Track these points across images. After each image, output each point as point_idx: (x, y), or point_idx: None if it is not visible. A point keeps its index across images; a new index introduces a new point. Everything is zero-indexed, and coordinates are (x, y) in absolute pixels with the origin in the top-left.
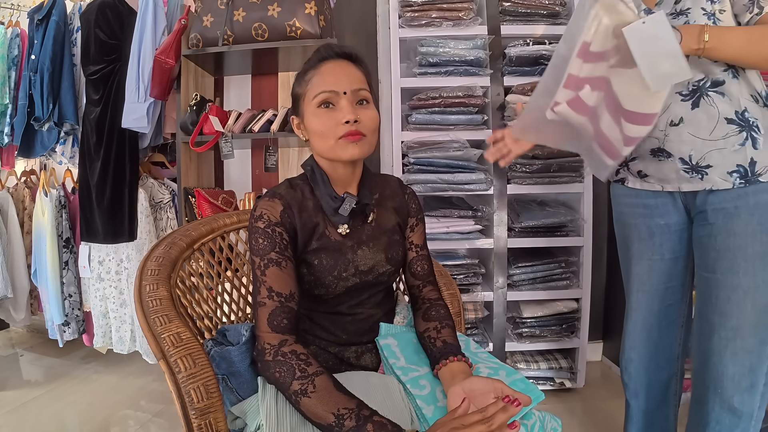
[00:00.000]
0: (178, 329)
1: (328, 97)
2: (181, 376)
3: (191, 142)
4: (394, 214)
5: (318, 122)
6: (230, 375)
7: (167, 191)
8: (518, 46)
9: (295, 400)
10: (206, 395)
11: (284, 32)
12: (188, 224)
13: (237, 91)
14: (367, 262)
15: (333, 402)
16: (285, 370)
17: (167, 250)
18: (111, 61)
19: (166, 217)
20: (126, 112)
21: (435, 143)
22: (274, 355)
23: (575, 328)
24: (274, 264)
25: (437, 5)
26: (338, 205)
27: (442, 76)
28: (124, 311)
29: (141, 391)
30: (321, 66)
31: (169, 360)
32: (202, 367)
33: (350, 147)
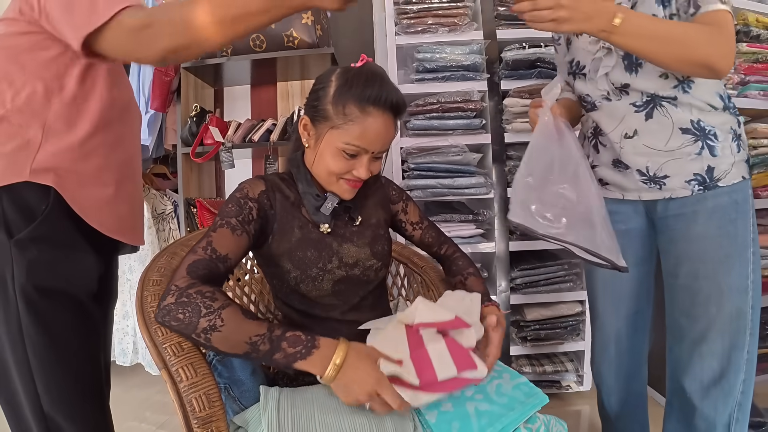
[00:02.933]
0: (179, 339)
1: (356, 151)
2: (182, 385)
3: (192, 153)
4: (377, 209)
5: (333, 162)
6: (232, 383)
7: (169, 202)
8: (514, 50)
9: (205, 339)
10: (208, 404)
11: (282, 42)
12: (189, 234)
13: (237, 101)
14: (352, 255)
15: (243, 331)
16: (190, 310)
17: (169, 260)
18: None
19: (168, 228)
20: None
21: (434, 148)
22: (178, 296)
23: (580, 330)
24: (228, 227)
25: (433, 12)
26: (320, 204)
27: (440, 81)
28: (127, 323)
29: (145, 402)
30: (368, 115)
31: (170, 369)
32: (203, 376)
33: (349, 192)
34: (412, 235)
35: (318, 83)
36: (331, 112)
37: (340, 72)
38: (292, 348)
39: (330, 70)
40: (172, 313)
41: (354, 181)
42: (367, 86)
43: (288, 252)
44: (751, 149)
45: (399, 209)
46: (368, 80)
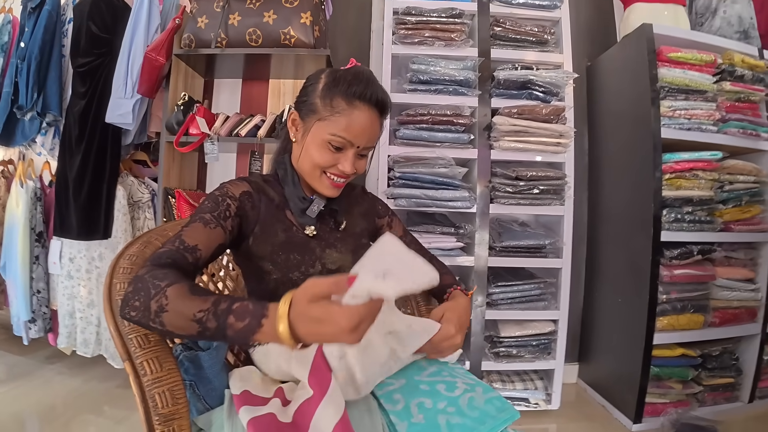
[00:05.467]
0: (146, 330)
1: (343, 143)
2: (146, 379)
3: (175, 142)
4: (362, 219)
5: (318, 155)
6: (199, 381)
7: (147, 191)
8: (507, 70)
9: (160, 323)
10: (172, 401)
11: (278, 40)
12: (165, 224)
13: (227, 94)
14: (335, 262)
15: (188, 308)
16: (142, 294)
17: (141, 249)
18: (101, 54)
19: (143, 217)
20: (111, 107)
21: (421, 159)
22: (134, 284)
23: (552, 349)
24: (200, 221)
25: (431, 25)
26: (306, 206)
27: (432, 93)
28: (92, 312)
29: (104, 396)
30: (354, 108)
31: (134, 362)
32: (169, 371)
33: (332, 190)
34: None
35: (308, 81)
36: (319, 105)
37: (330, 71)
38: (241, 322)
39: (320, 70)
40: (130, 302)
41: (337, 177)
42: (355, 83)
43: (270, 254)
44: (727, 184)
45: (384, 223)
46: (356, 77)
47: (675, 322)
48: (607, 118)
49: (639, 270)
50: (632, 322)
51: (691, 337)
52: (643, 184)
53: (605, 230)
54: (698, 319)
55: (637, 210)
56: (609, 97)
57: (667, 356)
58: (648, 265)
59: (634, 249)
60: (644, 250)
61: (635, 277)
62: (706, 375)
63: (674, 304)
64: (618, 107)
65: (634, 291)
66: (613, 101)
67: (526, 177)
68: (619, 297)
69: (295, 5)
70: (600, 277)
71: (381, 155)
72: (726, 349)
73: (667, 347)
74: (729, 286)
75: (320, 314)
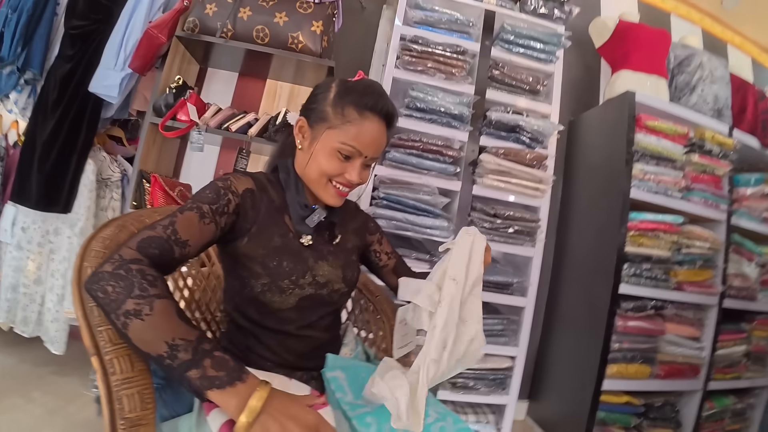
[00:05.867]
0: None
1: (352, 152)
2: (115, 378)
3: (161, 125)
4: (354, 235)
5: (327, 163)
6: (166, 386)
7: (118, 169)
8: (499, 112)
9: (122, 323)
10: (140, 405)
11: (285, 42)
12: (143, 210)
13: (219, 85)
14: (325, 275)
15: (170, 329)
16: (122, 286)
17: (116, 233)
18: (97, 20)
19: (110, 197)
20: (97, 77)
21: (407, 183)
22: (116, 267)
23: (507, 385)
24: (197, 211)
25: (435, 57)
26: (306, 215)
27: (426, 122)
28: (37, 289)
29: (36, 381)
30: (365, 118)
31: (103, 357)
32: (140, 372)
33: (337, 199)
34: (386, 264)
35: (317, 89)
36: (330, 113)
37: (340, 80)
38: (214, 371)
39: (330, 79)
40: (102, 282)
41: (343, 186)
42: (366, 94)
43: (263, 257)
44: (684, 247)
45: (375, 240)
46: (367, 89)
47: (624, 370)
48: (582, 171)
49: (596, 317)
50: (584, 366)
51: (637, 387)
52: (608, 238)
53: (568, 275)
54: (645, 369)
55: (600, 261)
56: (587, 152)
57: (614, 402)
58: (605, 314)
59: (593, 297)
60: (603, 299)
61: (592, 323)
62: (647, 424)
63: (625, 353)
64: (594, 163)
65: (589, 336)
66: (590, 156)
67: (503, 215)
68: (575, 340)
69: (308, 12)
70: (558, 319)
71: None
72: (668, 401)
73: (614, 394)
74: (676, 342)
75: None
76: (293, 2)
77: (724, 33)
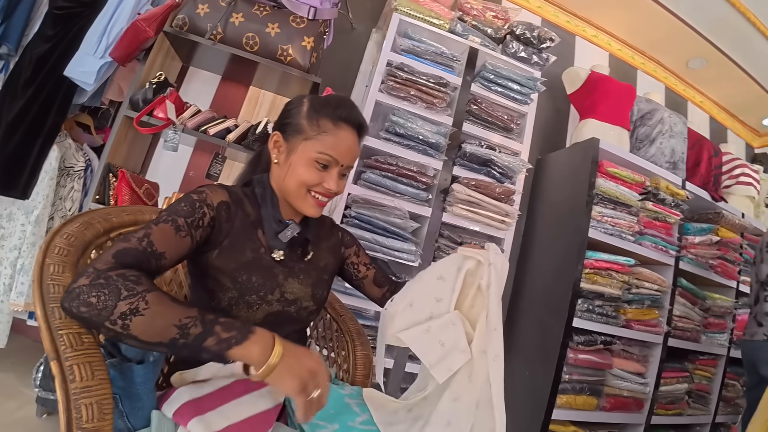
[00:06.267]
0: (80, 329)
1: (330, 161)
2: (74, 386)
3: (136, 120)
4: (328, 253)
5: (306, 173)
6: (125, 396)
7: (83, 159)
8: (473, 145)
9: (123, 326)
10: (98, 415)
11: (275, 53)
12: (111, 208)
13: (199, 86)
14: (294, 292)
15: (173, 313)
16: (107, 293)
17: (81, 230)
18: (84, 4)
19: (71, 187)
20: (75, 61)
21: (379, 205)
22: (94, 278)
23: None
24: (172, 224)
25: (418, 86)
26: (280, 230)
27: (403, 147)
28: None
29: None
30: (340, 128)
31: (63, 363)
32: (100, 381)
33: (316, 209)
34: (366, 275)
35: (289, 105)
36: (305, 125)
37: (311, 96)
38: (227, 333)
39: (301, 95)
40: (83, 296)
41: (322, 196)
42: (339, 107)
43: (232, 271)
44: (634, 287)
45: (351, 252)
46: (340, 102)
47: (572, 401)
48: (545, 208)
49: (549, 348)
50: (535, 395)
51: (584, 417)
52: (565, 273)
53: (524, 307)
54: (592, 401)
55: (556, 295)
56: (550, 190)
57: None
58: (558, 347)
59: (547, 328)
60: (557, 332)
61: (545, 354)
62: None
63: (574, 385)
64: (556, 201)
65: (541, 367)
66: (553, 194)
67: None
68: (528, 370)
69: (301, 27)
70: (514, 348)
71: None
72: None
73: (562, 423)
74: (622, 377)
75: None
76: (287, 15)
77: (686, 91)
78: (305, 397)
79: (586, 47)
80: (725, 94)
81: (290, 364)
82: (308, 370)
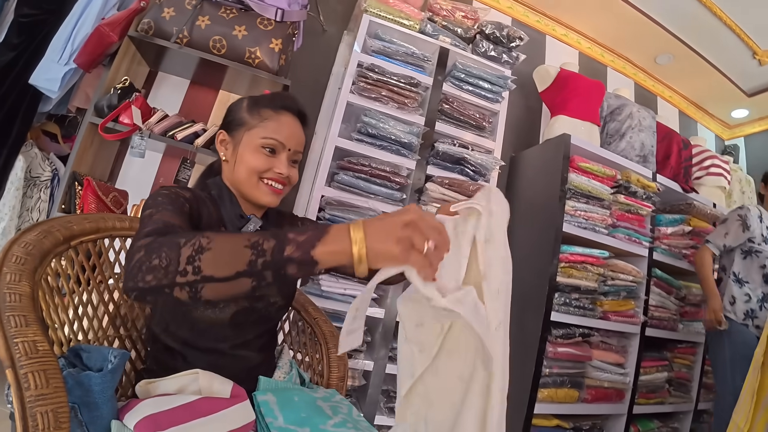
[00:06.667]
0: (35, 337)
1: (276, 145)
2: (29, 394)
3: (101, 126)
4: None
5: (254, 160)
6: (83, 405)
7: (49, 168)
8: (446, 144)
9: (195, 270)
10: (54, 424)
11: (242, 56)
12: (71, 216)
13: (168, 90)
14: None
15: (237, 239)
16: (166, 249)
17: (40, 239)
18: (49, 11)
19: (37, 197)
20: (40, 69)
21: (352, 206)
22: (147, 247)
23: None
24: (166, 210)
25: (389, 86)
26: (242, 225)
27: (376, 148)
28: None
29: None
30: (281, 115)
31: (18, 372)
32: (55, 389)
33: (271, 196)
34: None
35: (231, 106)
36: (246, 117)
37: (251, 95)
38: (303, 236)
39: (240, 98)
40: (144, 266)
41: (275, 182)
42: (278, 97)
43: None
44: (609, 279)
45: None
46: (278, 94)
47: (554, 394)
48: (520, 204)
49: (528, 343)
50: (517, 390)
51: (566, 410)
52: (541, 268)
53: None
54: (573, 394)
55: (534, 289)
56: (524, 187)
57: (544, 425)
58: (537, 341)
59: (526, 324)
60: (535, 326)
61: (525, 349)
62: None
63: (555, 378)
64: (531, 197)
65: (521, 362)
66: (527, 191)
67: None
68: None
69: (269, 29)
70: None
71: (315, 194)
72: (596, 424)
73: (545, 417)
74: (602, 368)
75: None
76: (254, 18)
77: (655, 86)
78: (419, 255)
79: (556, 46)
80: (694, 88)
81: (379, 228)
82: (403, 223)
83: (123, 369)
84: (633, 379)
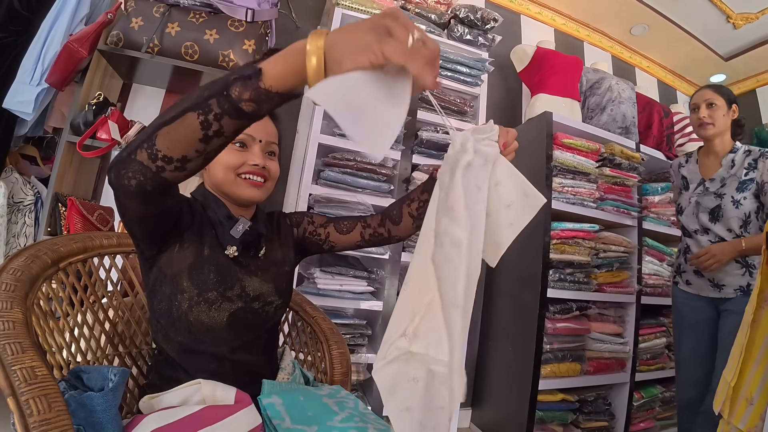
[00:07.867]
0: (32, 362)
1: (245, 139)
2: (32, 420)
3: (79, 144)
4: (283, 245)
5: (226, 157)
6: (88, 426)
7: (32, 192)
8: (429, 132)
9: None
10: None
11: (216, 60)
12: (57, 238)
13: (144, 101)
14: (255, 288)
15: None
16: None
17: (28, 264)
18: (17, 32)
19: (22, 222)
20: (12, 92)
21: (341, 202)
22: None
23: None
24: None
25: None
26: (231, 226)
27: None
28: None
29: None
30: None
31: (19, 399)
32: (58, 413)
33: (253, 190)
34: (329, 232)
35: None
36: None
37: None
38: (245, 68)
39: None
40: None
41: (253, 175)
42: None
43: (189, 267)
44: (602, 252)
45: (305, 224)
46: None
47: (556, 369)
48: None
49: (527, 321)
50: (521, 369)
51: (570, 384)
52: (534, 247)
53: (499, 284)
54: (576, 367)
55: (528, 268)
56: None
57: (550, 401)
58: (535, 318)
59: (523, 303)
60: (532, 305)
61: (524, 327)
62: (583, 419)
63: (556, 354)
64: None
65: (522, 341)
66: None
67: None
68: (510, 346)
69: (240, 30)
70: (494, 327)
71: (302, 193)
72: (600, 395)
73: (550, 393)
74: (601, 339)
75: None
76: (224, 20)
77: (632, 58)
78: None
79: (531, 25)
80: (671, 56)
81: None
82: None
83: (124, 386)
84: (632, 347)
